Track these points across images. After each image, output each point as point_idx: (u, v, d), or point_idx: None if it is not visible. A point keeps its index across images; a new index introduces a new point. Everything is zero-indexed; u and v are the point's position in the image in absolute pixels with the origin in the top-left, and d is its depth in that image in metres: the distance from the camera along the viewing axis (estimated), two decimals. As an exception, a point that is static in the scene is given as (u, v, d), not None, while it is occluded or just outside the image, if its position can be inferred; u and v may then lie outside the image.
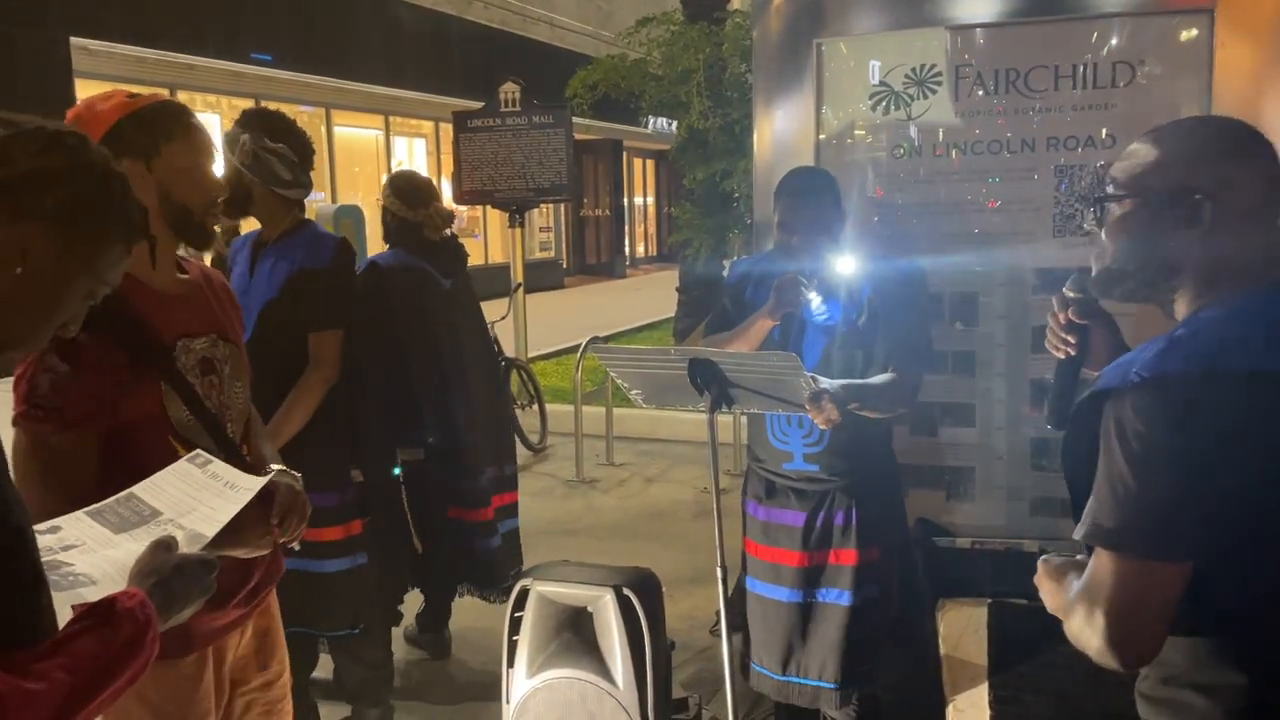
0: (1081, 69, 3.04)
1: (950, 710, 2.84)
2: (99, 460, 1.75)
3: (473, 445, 3.77)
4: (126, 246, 1.33)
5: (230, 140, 2.97)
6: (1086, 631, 1.30)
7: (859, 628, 2.72)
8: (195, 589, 1.33)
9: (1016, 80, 3.11)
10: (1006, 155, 3.15)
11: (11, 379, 1.76)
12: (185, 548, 1.35)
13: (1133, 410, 1.26)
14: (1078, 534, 1.33)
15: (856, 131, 3.33)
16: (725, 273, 3.11)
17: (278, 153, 2.96)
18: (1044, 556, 1.49)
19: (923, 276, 2.77)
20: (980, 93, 3.15)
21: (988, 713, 2.64)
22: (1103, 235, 1.45)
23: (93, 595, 1.21)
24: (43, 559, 1.22)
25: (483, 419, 3.83)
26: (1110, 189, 1.44)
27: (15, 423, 1.74)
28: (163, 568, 1.28)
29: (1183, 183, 1.35)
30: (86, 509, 1.38)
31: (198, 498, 1.45)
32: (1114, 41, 3.01)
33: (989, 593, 2.95)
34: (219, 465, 1.54)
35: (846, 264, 2.60)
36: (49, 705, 1.06)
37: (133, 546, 1.31)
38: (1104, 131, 3.04)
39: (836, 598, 2.72)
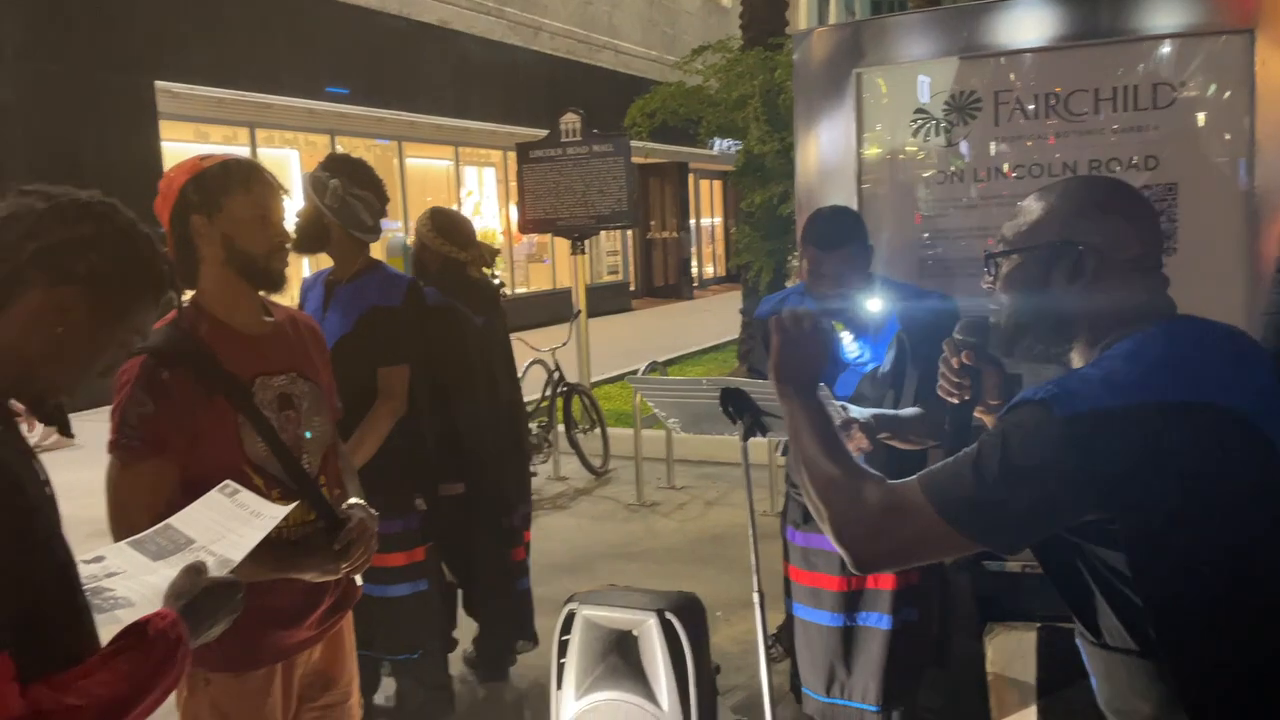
0: (1122, 91, 3.04)
1: (996, 734, 2.83)
2: (181, 485, 1.91)
3: (505, 483, 3.84)
4: (156, 299, 1.45)
5: (317, 183, 3.15)
6: (849, 518, 1.40)
7: (899, 651, 2.74)
8: (223, 608, 1.45)
9: (1057, 104, 3.12)
10: (1049, 179, 3.15)
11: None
12: (215, 571, 1.48)
13: (1025, 419, 1.32)
14: (918, 477, 1.38)
15: (898, 157, 3.36)
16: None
17: (363, 199, 3.15)
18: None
19: (953, 310, 2.77)
20: (1021, 118, 3.16)
21: (1033, 737, 2.63)
22: (999, 293, 1.49)
23: (130, 616, 1.34)
24: (87, 586, 1.35)
25: (511, 458, 3.91)
26: (1000, 246, 1.49)
27: (109, 449, 1.95)
28: (193, 590, 1.41)
29: (1064, 236, 1.41)
30: (129, 539, 1.52)
31: (227, 525, 1.58)
32: (1154, 63, 3.00)
33: (1038, 616, 2.94)
34: (246, 495, 1.66)
35: (875, 303, 2.63)
36: (90, 719, 1.18)
37: (168, 572, 1.44)
38: (1146, 153, 3.03)
39: (876, 621, 2.75)
